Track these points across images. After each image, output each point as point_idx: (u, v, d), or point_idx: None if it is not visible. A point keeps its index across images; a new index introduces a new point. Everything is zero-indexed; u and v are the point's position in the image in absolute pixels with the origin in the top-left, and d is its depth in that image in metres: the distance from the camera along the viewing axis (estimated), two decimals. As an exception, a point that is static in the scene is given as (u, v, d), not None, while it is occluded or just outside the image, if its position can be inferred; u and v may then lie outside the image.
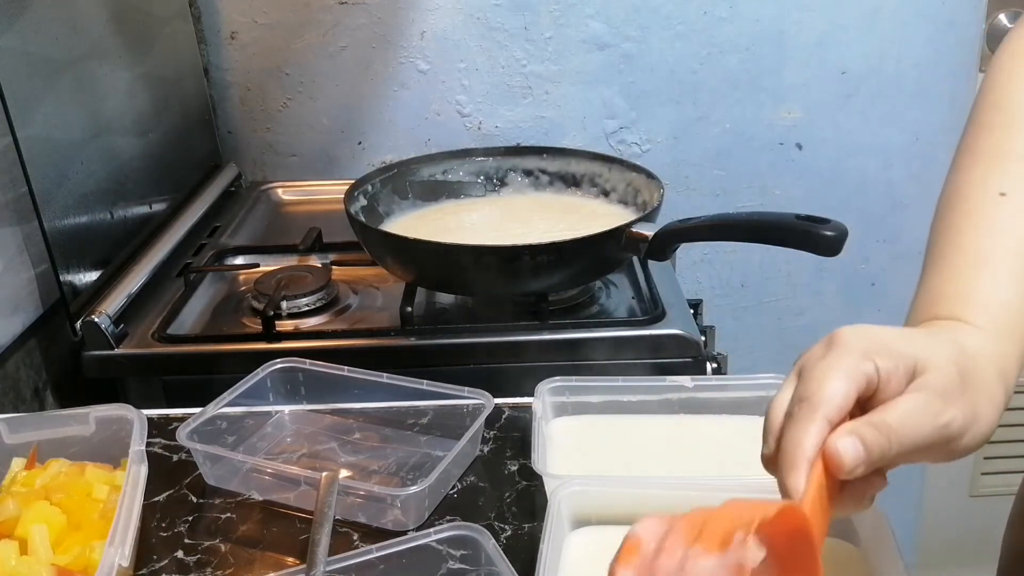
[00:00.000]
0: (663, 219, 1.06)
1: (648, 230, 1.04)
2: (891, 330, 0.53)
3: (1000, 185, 0.61)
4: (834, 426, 0.49)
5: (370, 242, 1.12)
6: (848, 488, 0.50)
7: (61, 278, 1.04)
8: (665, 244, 1.04)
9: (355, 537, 0.77)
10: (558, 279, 1.07)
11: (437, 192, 1.28)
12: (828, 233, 0.93)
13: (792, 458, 0.48)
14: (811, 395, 0.49)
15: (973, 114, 0.68)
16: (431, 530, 0.72)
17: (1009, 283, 0.58)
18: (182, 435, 0.82)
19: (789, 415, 0.50)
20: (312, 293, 1.17)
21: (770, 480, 0.51)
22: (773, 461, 0.50)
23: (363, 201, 1.19)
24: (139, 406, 0.83)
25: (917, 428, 0.49)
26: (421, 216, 1.25)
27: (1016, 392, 1.87)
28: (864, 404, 0.51)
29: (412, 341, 1.07)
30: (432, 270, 1.09)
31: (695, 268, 1.71)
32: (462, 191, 1.29)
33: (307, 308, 1.15)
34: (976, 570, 1.26)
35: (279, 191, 1.58)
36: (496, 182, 1.30)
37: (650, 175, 1.19)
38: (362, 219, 1.13)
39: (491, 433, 0.90)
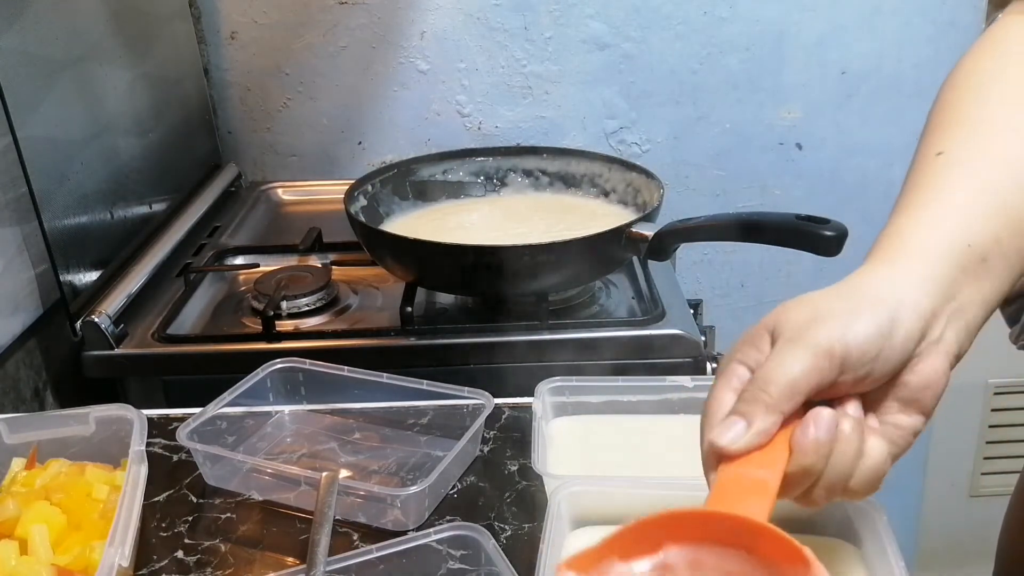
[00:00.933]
0: (663, 219, 1.07)
1: (648, 230, 1.04)
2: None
3: (938, 146, 0.63)
4: None
5: (370, 242, 1.12)
6: (794, 442, 0.52)
7: (61, 278, 1.04)
8: (665, 244, 1.04)
9: (355, 537, 0.77)
10: (558, 279, 1.07)
11: (437, 192, 1.28)
12: (828, 233, 0.93)
13: (703, 466, 0.55)
14: (701, 417, 0.56)
15: (936, 98, 0.69)
16: (431, 530, 0.72)
17: (921, 218, 0.59)
18: (182, 435, 0.82)
19: None
20: (312, 293, 1.17)
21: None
22: None
23: (363, 201, 1.19)
24: (139, 406, 0.83)
25: (787, 360, 0.52)
26: (421, 216, 1.25)
27: (1015, 392, 1.87)
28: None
29: (412, 341, 1.07)
30: (432, 270, 1.09)
31: (695, 268, 1.71)
32: (462, 191, 1.29)
33: (307, 308, 1.16)
34: (976, 570, 1.26)
35: (279, 191, 1.58)
36: (496, 182, 1.30)
37: (650, 175, 1.19)
38: (362, 219, 1.13)
39: (491, 433, 0.90)
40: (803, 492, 0.53)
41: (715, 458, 0.53)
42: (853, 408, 0.54)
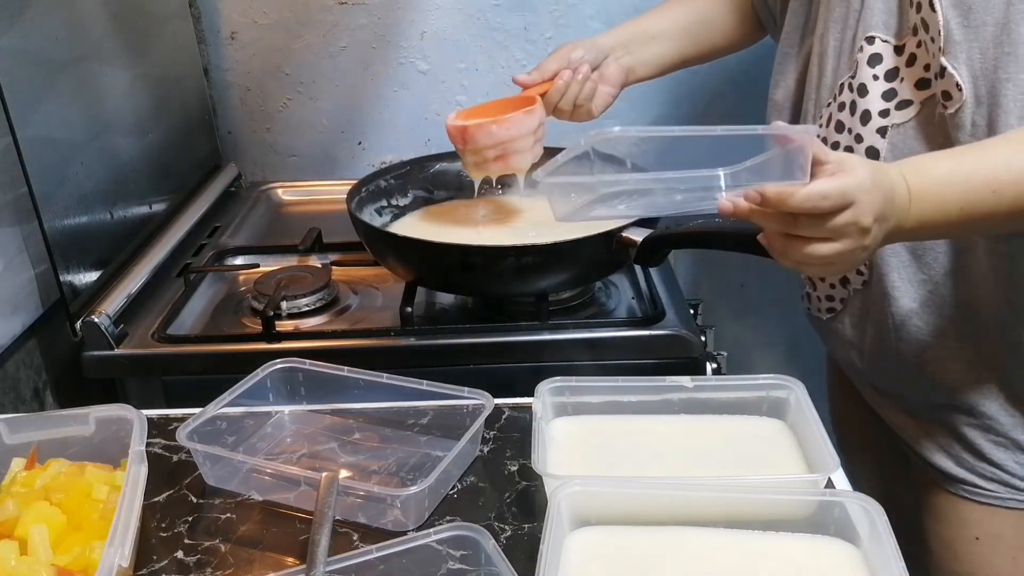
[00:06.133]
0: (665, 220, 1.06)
1: (638, 235, 1.03)
2: None
3: None
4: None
5: (371, 242, 1.12)
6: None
7: (61, 278, 1.04)
8: (654, 249, 1.03)
9: (355, 537, 0.77)
10: (552, 281, 1.06)
11: (440, 190, 1.28)
12: None
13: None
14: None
15: None
16: (431, 530, 0.72)
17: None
18: (182, 435, 0.82)
19: None
20: (312, 293, 1.17)
21: (767, 480, 0.51)
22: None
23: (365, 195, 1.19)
24: (139, 406, 0.84)
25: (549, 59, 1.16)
26: (424, 215, 1.25)
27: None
28: None
29: (412, 341, 1.07)
30: (427, 269, 1.09)
31: (695, 268, 1.71)
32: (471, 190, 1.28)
33: (307, 308, 1.16)
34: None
35: (279, 191, 1.58)
36: (498, 186, 1.29)
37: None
38: (364, 219, 1.13)
39: (491, 433, 0.90)
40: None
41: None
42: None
